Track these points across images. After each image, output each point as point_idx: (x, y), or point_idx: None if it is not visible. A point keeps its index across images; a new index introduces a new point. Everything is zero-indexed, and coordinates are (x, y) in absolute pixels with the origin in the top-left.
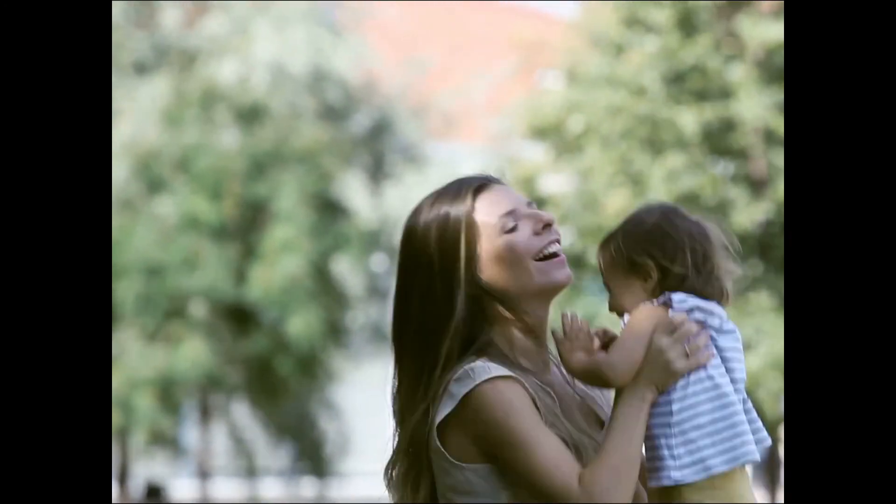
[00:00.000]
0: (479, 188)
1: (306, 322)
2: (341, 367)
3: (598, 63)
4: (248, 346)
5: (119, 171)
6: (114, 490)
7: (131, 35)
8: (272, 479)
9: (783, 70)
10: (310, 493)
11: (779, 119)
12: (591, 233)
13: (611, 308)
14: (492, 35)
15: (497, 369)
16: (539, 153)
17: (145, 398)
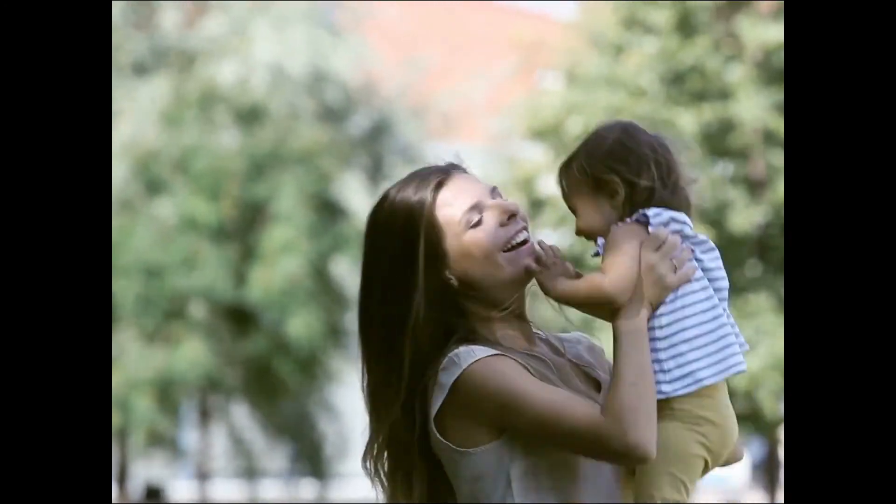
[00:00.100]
0: (440, 182)
1: (306, 323)
2: (341, 368)
3: (597, 64)
4: (248, 346)
5: (118, 172)
6: (113, 491)
7: (131, 36)
8: (271, 481)
9: (782, 71)
10: (309, 494)
11: (778, 120)
12: None
13: (579, 231)
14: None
15: (482, 350)
16: (539, 154)
17: (144, 399)
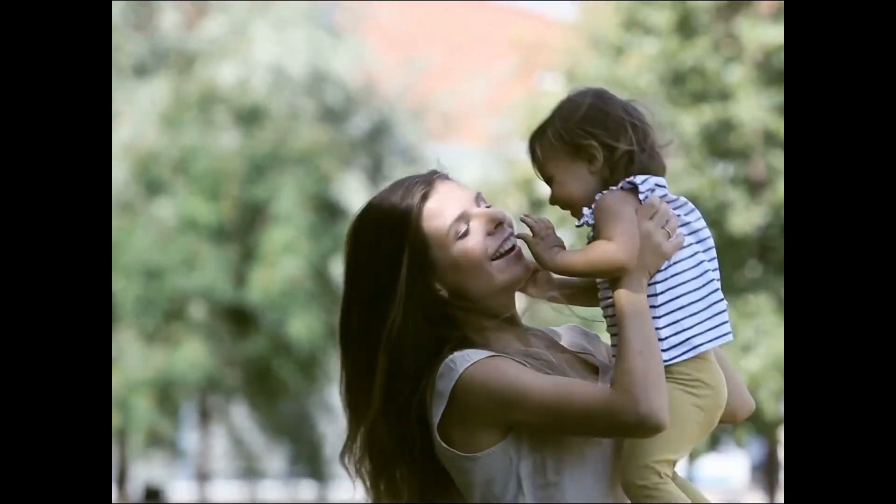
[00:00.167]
0: (425, 194)
1: (306, 324)
2: None
3: (597, 65)
4: (248, 347)
5: (118, 173)
6: (112, 492)
7: (130, 37)
8: (271, 482)
9: (782, 71)
10: (309, 495)
11: (778, 120)
12: None
13: (555, 199)
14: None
15: (477, 353)
16: None
17: (144, 400)
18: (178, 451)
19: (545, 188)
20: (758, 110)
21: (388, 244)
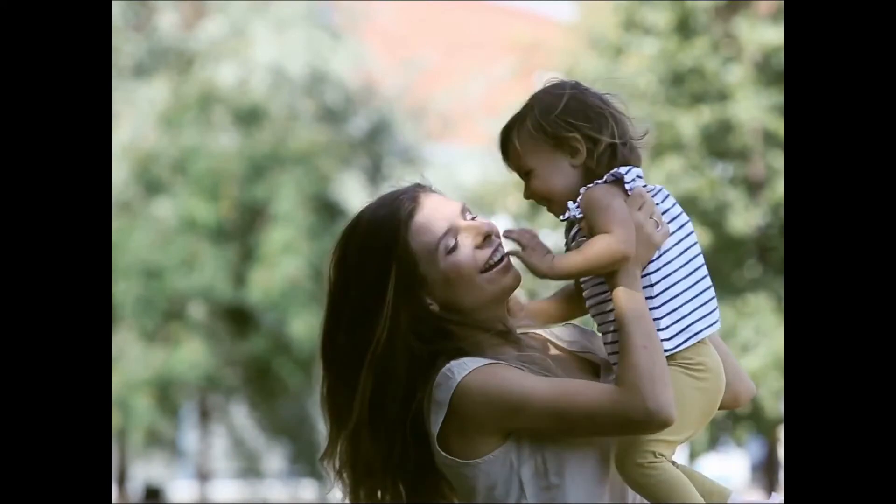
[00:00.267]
0: (412, 210)
1: (306, 324)
2: None
3: (596, 65)
4: (247, 347)
5: (118, 174)
6: (112, 491)
7: (130, 38)
8: (271, 481)
9: (781, 72)
10: (309, 494)
11: (777, 120)
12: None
13: (532, 194)
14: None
15: (474, 361)
16: None
17: (144, 399)
18: (177, 450)
19: None
20: (757, 110)
21: (375, 262)
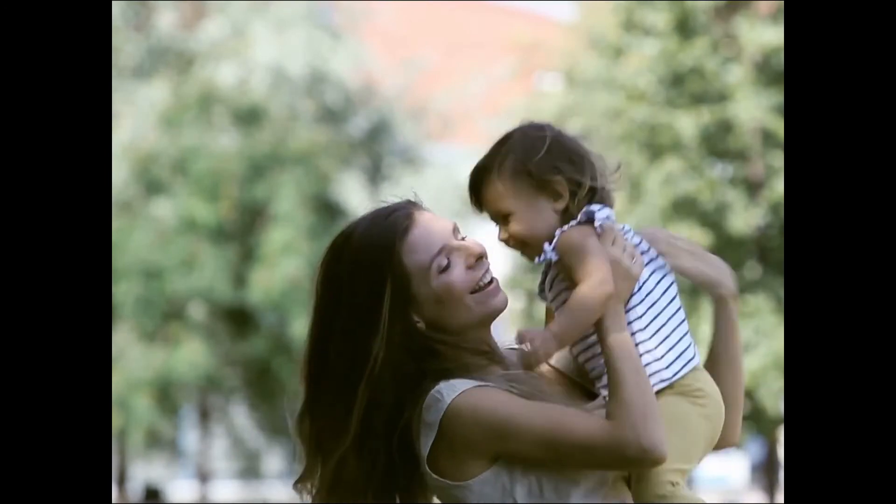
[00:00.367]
0: (406, 228)
1: (306, 324)
2: None
3: (595, 65)
4: (247, 348)
5: (118, 174)
6: (112, 492)
7: (130, 38)
8: (271, 481)
9: (781, 72)
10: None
11: (776, 121)
12: None
13: (509, 238)
14: (490, 37)
15: (463, 383)
16: None
17: (144, 400)
18: (177, 450)
19: None
20: (756, 111)
21: (369, 278)
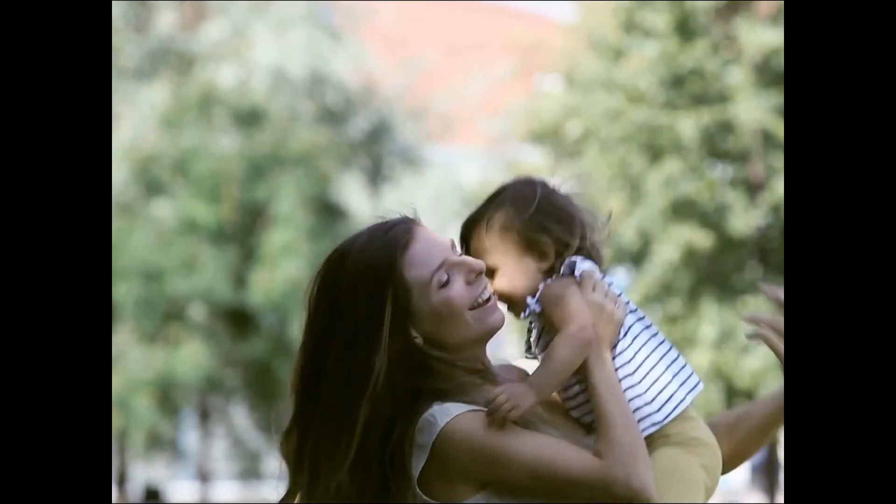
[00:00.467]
0: (406, 242)
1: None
2: None
3: (595, 67)
4: (247, 349)
5: (118, 175)
6: (112, 493)
7: (130, 39)
8: (271, 482)
9: (781, 73)
10: None
11: (776, 122)
12: None
13: (493, 292)
14: (490, 38)
15: (457, 407)
16: (538, 156)
17: (144, 400)
18: (178, 451)
19: None
20: (756, 112)
21: (371, 291)
